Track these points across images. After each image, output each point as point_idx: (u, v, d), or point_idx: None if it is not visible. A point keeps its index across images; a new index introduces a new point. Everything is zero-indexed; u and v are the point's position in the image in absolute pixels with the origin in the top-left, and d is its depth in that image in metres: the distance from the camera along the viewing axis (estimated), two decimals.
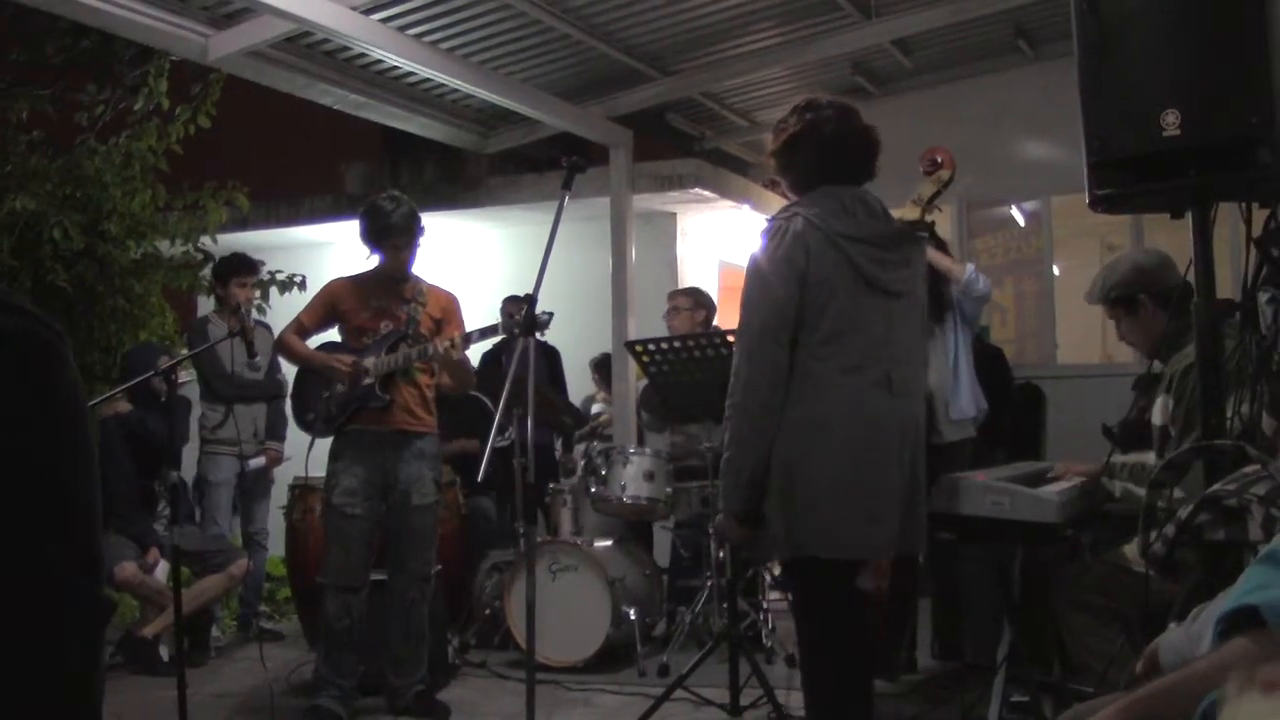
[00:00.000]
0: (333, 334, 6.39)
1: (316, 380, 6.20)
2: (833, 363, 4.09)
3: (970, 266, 6.69)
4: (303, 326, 6.25)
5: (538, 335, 5.17)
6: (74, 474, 1.25)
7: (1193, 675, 1.89)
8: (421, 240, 6.24)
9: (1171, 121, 3.21)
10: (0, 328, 1.21)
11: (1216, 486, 2.78)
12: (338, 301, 6.25)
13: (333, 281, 6.37)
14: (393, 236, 6.10)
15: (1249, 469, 2.86)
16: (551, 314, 5.11)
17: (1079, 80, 3.46)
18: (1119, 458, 4.78)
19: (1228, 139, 3.21)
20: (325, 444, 6.17)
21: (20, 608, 1.19)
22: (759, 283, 4.15)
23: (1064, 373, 10.26)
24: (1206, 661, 1.91)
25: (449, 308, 6.33)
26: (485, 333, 5.97)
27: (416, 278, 6.30)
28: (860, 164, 4.32)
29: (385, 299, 6.20)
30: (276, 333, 8.22)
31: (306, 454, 6.05)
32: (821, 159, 4.25)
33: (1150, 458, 4.77)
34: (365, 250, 6.18)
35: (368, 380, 6.01)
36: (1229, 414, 3.49)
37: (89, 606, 1.25)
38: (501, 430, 5.30)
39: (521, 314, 4.61)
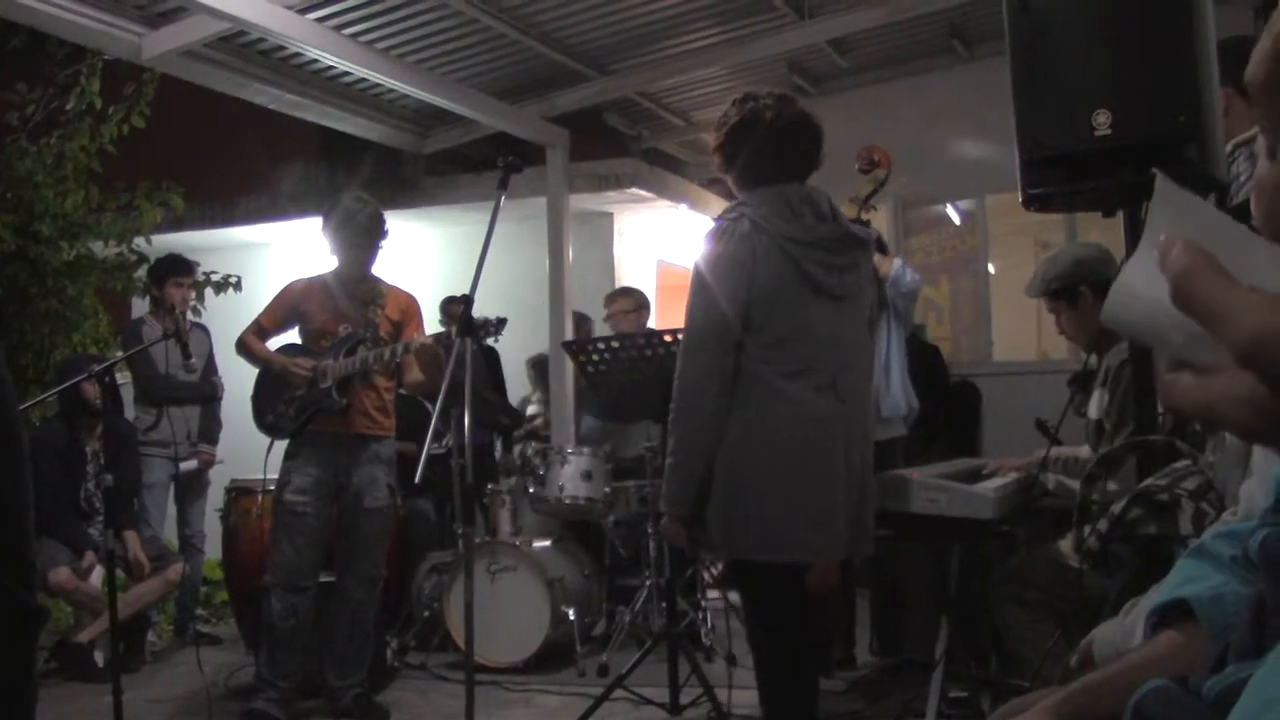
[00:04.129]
0: (293, 336, 6.35)
1: (276, 383, 6.16)
2: (777, 367, 4.06)
3: (897, 261, 6.72)
4: (262, 328, 6.21)
5: (492, 340, 5.21)
6: (3, 479, 1.24)
7: (1125, 668, 1.91)
8: (384, 243, 6.23)
9: (1103, 121, 3.25)
10: None
11: (1148, 481, 2.82)
12: (297, 303, 6.22)
13: (293, 283, 6.34)
14: (355, 236, 6.09)
15: (1179, 464, 2.90)
16: (504, 319, 5.13)
17: (1011, 80, 3.49)
18: (1052, 451, 4.83)
19: (1157, 138, 3.25)
20: (282, 446, 6.16)
21: None
22: (705, 285, 4.09)
23: (999, 370, 10.34)
24: (1138, 654, 1.93)
25: (408, 309, 6.32)
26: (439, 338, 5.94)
27: (376, 279, 6.29)
28: (805, 153, 4.26)
29: (345, 301, 6.18)
30: (213, 334, 8.22)
31: (265, 456, 6.03)
32: (765, 149, 4.19)
33: (1083, 451, 4.83)
34: (302, 251, 6.17)
35: (325, 383, 5.98)
36: (1160, 410, 3.53)
37: (20, 612, 1.24)
38: (439, 436, 5.27)
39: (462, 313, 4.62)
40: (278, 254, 11.38)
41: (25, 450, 1.29)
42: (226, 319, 8.16)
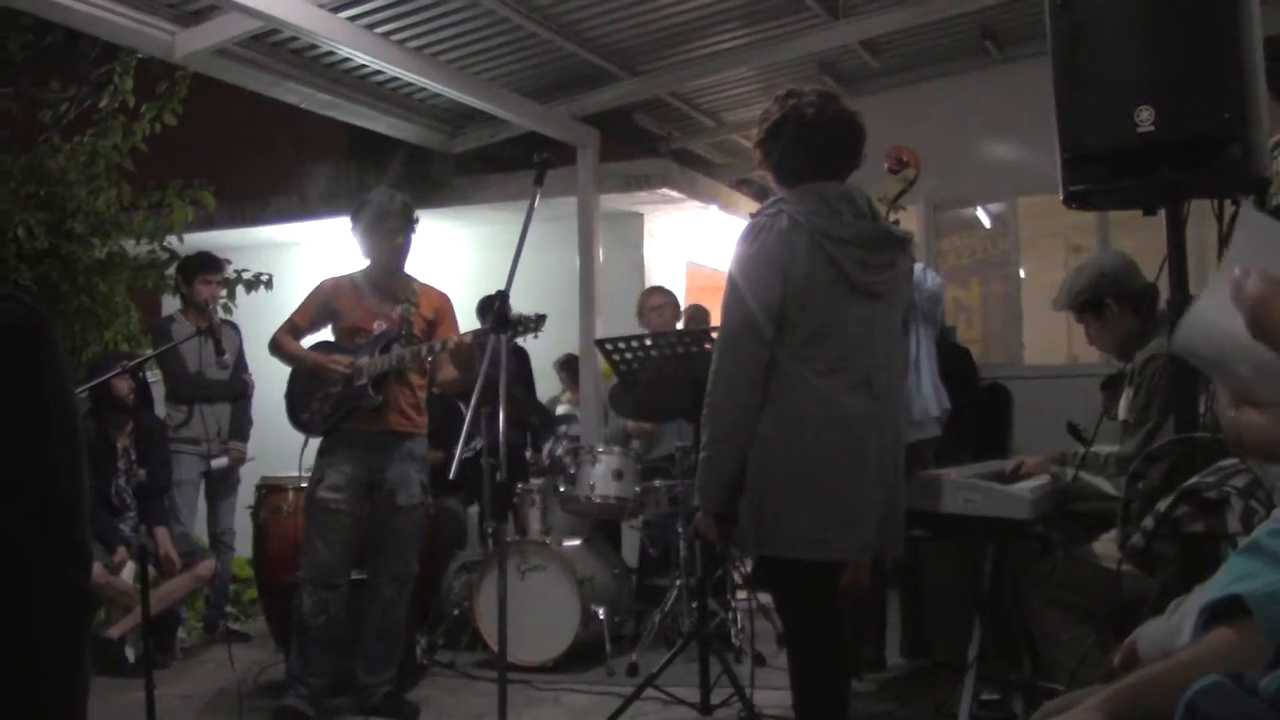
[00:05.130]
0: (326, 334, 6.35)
1: (310, 380, 6.16)
2: (812, 364, 4.05)
3: (919, 265, 6.68)
4: (296, 327, 6.21)
5: (531, 337, 5.22)
6: (59, 463, 1.23)
7: (1176, 665, 1.89)
8: (415, 234, 6.23)
9: (1146, 118, 3.22)
10: None
11: (1195, 479, 2.79)
12: (331, 301, 6.22)
13: (325, 281, 6.33)
14: (390, 222, 6.09)
15: (1226, 462, 2.87)
16: (543, 316, 5.13)
17: (1053, 77, 3.46)
18: (1075, 449, 4.81)
19: (1201, 135, 3.22)
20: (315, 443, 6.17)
21: (2, 598, 1.16)
22: (742, 279, 4.09)
23: (1030, 373, 10.29)
24: (1189, 652, 1.91)
25: (442, 308, 6.31)
26: (479, 334, 5.92)
27: (409, 276, 6.28)
28: (845, 152, 4.25)
29: (378, 298, 6.18)
30: (243, 332, 8.23)
31: (300, 453, 6.03)
32: (806, 146, 4.18)
33: (1103, 448, 4.80)
34: (332, 251, 6.15)
35: (360, 381, 5.98)
36: (1200, 410, 3.51)
37: (73, 596, 1.23)
38: (471, 437, 5.28)
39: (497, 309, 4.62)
40: (307, 253, 11.39)
41: (80, 436, 1.28)
42: (257, 317, 8.17)
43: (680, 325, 8.91)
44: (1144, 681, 1.93)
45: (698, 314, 9.35)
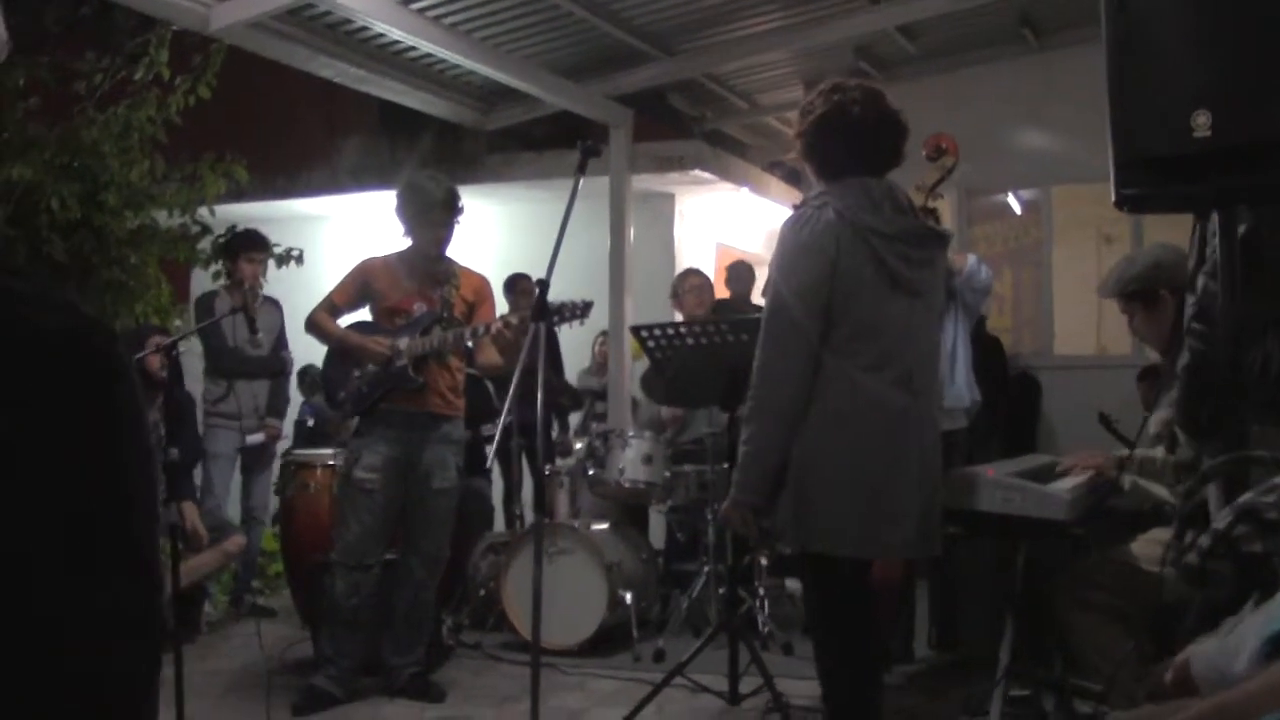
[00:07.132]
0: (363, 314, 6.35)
1: (348, 359, 6.15)
2: (855, 359, 4.02)
3: (973, 258, 6.66)
4: (334, 305, 6.18)
5: (579, 324, 5.24)
6: (136, 489, 1.20)
7: (1245, 696, 1.87)
8: (460, 220, 6.20)
9: (1203, 123, 3.16)
10: (55, 329, 1.15)
11: (1252, 497, 2.75)
12: (371, 280, 6.19)
13: (365, 260, 6.30)
14: (434, 213, 6.05)
15: None
16: (590, 303, 5.13)
17: (1107, 77, 3.40)
18: (1133, 451, 4.76)
19: (1260, 141, 3.16)
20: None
21: (78, 630, 1.14)
22: (788, 272, 4.06)
23: (1060, 363, 10.26)
24: (1258, 682, 1.89)
25: (481, 289, 6.31)
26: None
27: (450, 259, 6.26)
28: (888, 149, 4.23)
29: (419, 280, 6.15)
30: (282, 306, 8.23)
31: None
32: (849, 143, 4.15)
33: (1159, 453, 4.76)
34: (361, 225, 6.12)
35: (401, 362, 5.97)
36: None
37: (150, 625, 1.21)
38: (510, 413, 5.27)
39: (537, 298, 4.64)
40: (337, 227, 11.40)
41: (153, 453, 1.27)
42: (285, 292, 8.18)
43: (722, 287, 9.02)
44: (1211, 711, 1.90)
45: (742, 272, 9.34)
